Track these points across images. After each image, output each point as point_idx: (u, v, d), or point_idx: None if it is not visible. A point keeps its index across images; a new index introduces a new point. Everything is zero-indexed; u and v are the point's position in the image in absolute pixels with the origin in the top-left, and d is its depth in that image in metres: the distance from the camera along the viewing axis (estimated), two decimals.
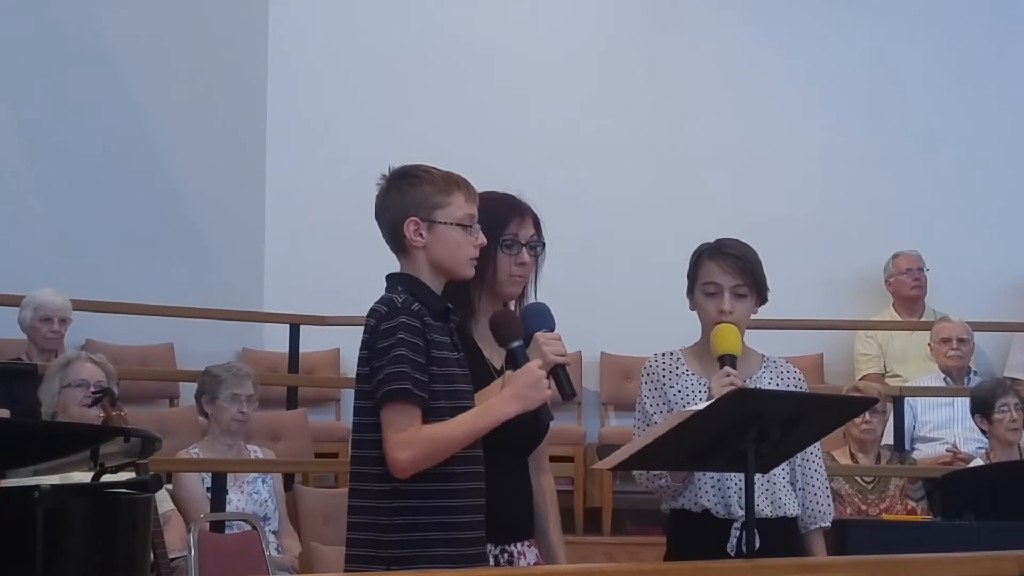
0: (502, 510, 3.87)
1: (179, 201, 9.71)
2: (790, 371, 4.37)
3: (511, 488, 3.98)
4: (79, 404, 5.99)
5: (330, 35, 10.17)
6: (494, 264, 3.98)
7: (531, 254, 4.04)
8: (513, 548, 3.97)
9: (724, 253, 4.25)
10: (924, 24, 10.28)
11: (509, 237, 4.01)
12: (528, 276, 4.06)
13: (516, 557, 3.97)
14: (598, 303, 9.22)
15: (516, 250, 4.01)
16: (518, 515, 4.02)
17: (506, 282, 4.02)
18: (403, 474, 3.55)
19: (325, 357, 9.79)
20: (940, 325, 8.86)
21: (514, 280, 4.02)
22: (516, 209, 4.05)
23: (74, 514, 3.25)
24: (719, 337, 4.15)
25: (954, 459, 7.95)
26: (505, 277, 4.01)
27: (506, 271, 4.00)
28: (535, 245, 4.05)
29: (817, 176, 10.09)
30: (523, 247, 4.02)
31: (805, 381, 4.42)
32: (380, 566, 3.55)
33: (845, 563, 4.03)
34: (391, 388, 3.53)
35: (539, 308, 3.98)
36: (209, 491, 6.65)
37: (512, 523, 3.98)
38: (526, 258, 4.02)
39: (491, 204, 3.97)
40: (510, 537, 3.97)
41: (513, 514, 3.98)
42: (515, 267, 4.01)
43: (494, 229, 3.93)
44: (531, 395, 3.64)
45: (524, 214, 4.05)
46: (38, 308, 8.09)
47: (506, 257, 4.00)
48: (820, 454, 4.36)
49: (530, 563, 3.99)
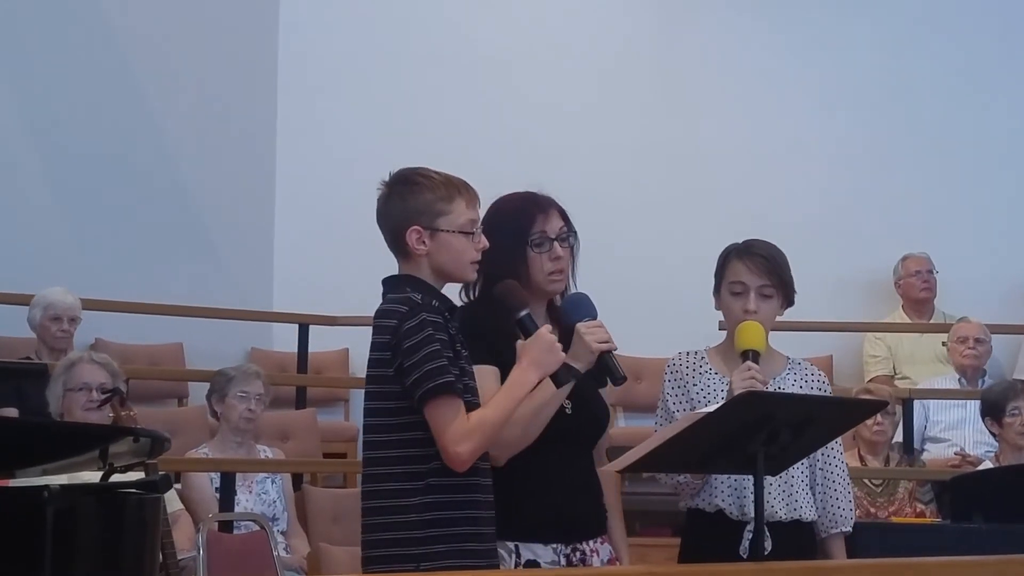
0: (570, 507, 3.87)
1: (189, 200, 9.72)
2: (815, 374, 4.35)
3: (577, 483, 3.94)
4: (82, 408, 5.94)
5: (340, 35, 10.17)
6: (527, 266, 3.92)
7: (564, 246, 3.97)
8: (585, 546, 3.93)
9: (752, 253, 4.24)
10: (932, 27, 10.26)
11: (537, 236, 3.94)
12: (567, 269, 3.99)
13: (588, 555, 3.92)
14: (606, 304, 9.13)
15: (547, 247, 3.94)
16: (588, 511, 3.97)
17: (545, 281, 3.95)
18: (464, 467, 3.58)
19: (334, 357, 9.78)
20: (959, 325, 8.87)
21: (553, 278, 3.95)
22: (538, 206, 3.99)
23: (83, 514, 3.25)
24: (742, 333, 4.12)
25: (962, 462, 7.94)
26: (543, 277, 3.94)
27: (543, 270, 3.94)
28: (566, 236, 3.99)
29: (826, 177, 10.08)
30: (553, 242, 3.95)
31: (829, 384, 4.40)
32: (410, 564, 3.55)
33: (854, 566, 4.02)
34: (435, 384, 3.54)
35: (578, 298, 3.94)
36: (218, 491, 6.65)
37: (583, 520, 3.94)
38: (559, 252, 3.95)
39: (513, 206, 3.95)
40: (581, 535, 3.93)
41: (582, 510, 3.94)
42: (549, 263, 3.94)
43: (520, 231, 3.89)
44: (547, 360, 3.65)
45: (547, 209, 3.99)
46: (48, 307, 8.10)
47: (538, 257, 3.94)
48: (842, 458, 4.34)
49: (603, 560, 3.95)
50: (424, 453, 3.59)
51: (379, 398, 3.64)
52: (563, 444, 3.84)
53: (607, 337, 3.82)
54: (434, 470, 3.58)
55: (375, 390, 3.65)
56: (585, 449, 4.02)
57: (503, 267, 3.85)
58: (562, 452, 3.85)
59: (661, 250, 9.72)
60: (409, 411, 3.58)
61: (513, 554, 3.83)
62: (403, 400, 3.59)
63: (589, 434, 4.03)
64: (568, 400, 3.83)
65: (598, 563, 3.91)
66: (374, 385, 3.65)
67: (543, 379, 3.67)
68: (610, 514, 4.07)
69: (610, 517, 4.06)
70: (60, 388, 6.07)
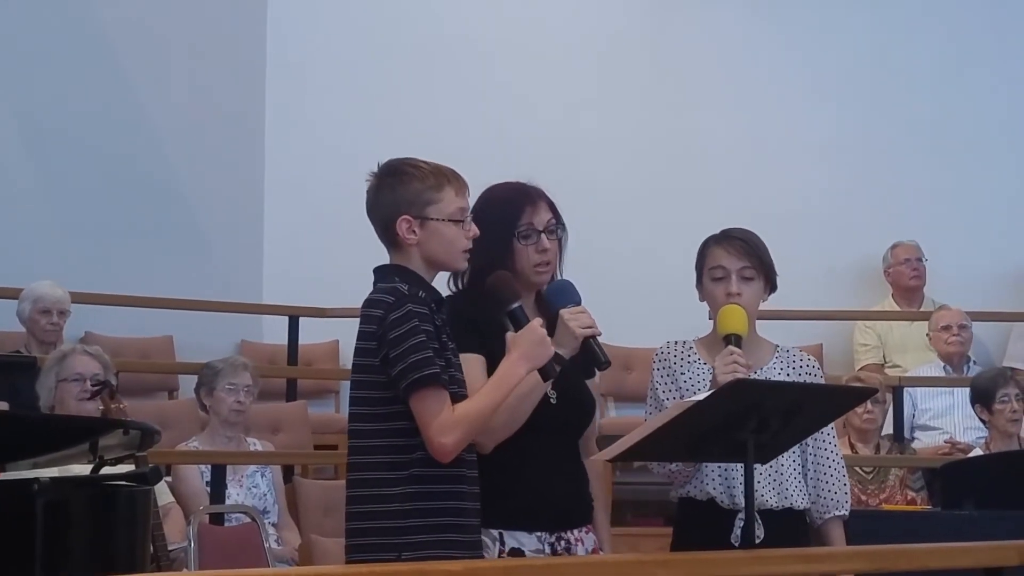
0: (555, 496, 3.87)
1: (179, 193, 9.70)
2: (804, 359, 4.34)
3: (563, 472, 3.94)
4: (76, 398, 5.97)
5: (329, 27, 10.16)
6: (513, 257, 3.92)
7: (551, 239, 3.97)
8: (570, 535, 3.93)
9: (729, 237, 4.25)
10: (924, 15, 10.27)
11: (525, 227, 3.94)
12: (553, 262, 3.98)
13: (573, 544, 3.93)
14: (597, 294, 9.12)
15: (535, 239, 3.94)
16: (573, 500, 3.97)
17: (531, 273, 3.95)
18: (448, 458, 3.58)
19: (324, 349, 9.78)
20: (939, 313, 8.88)
21: (539, 270, 3.95)
22: (528, 197, 3.99)
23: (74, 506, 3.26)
24: (724, 317, 4.12)
25: (952, 450, 7.95)
26: (530, 268, 3.94)
27: (529, 262, 3.94)
28: (554, 229, 3.99)
29: (816, 167, 10.08)
30: (541, 234, 3.95)
31: (820, 369, 4.40)
32: (391, 553, 3.55)
33: (845, 553, 4.02)
34: (422, 375, 3.54)
35: (561, 285, 3.94)
36: (208, 485, 6.65)
37: (567, 508, 3.94)
38: (546, 244, 3.95)
39: (501, 196, 3.94)
40: (565, 524, 3.93)
41: (568, 499, 3.94)
42: (536, 255, 3.94)
43: (508, 222, 3.89)
44: (538, 353, 3.65)
45: (536, 200, 3.99)
46: (37, 300, 8.08)
47: (525, 248, 3.94)
48: (835, 444, 4.32)
49: (587, 550, 3.95)
50: (408, 443, 3.59)
51: (364, 388, 3.65)
52: (548, 433, 3.85)
53: (591, 322, 3.82)
54: (418, 460, 3.59)
55: (361, 380, 3.66)
56: (571, 439, 4.02)
57: (490, 257, 3.86)
58: (548, 441, 3.85)
59: (652, 241, 9.72)
60: (394, 401, 3.59)
61: (497, 542, 3.83)
62: (388, 390, 3.59)
63: (575, 424, 4.03)
64: (553, 390, 3.83)
65: (583, 552, 3.91)
66: (360, 375, 3.66)
67: (532, 372, 3.67)
68: (596, 504, 4.07)
69: (596, 508, 4.07)
70: (53, 379, 6.07)
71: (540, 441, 3.81)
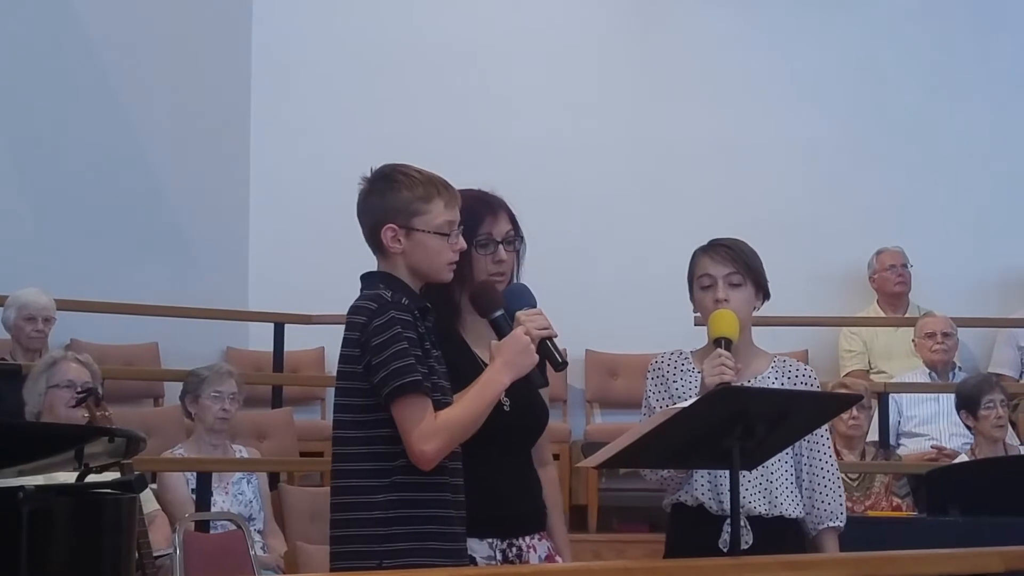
0: (507, 503, 3.87)
1: (163, 200, 9.69)
2: (800, 370, 4.35)
3: (515, 480, 3.95)
4: (66, 404, 5.96)
5: (313, 35, 10.15)
6: (471, 265, 3.92)
7: (508, 250, 3.98)
8: (521, 542, 3.93)
9: (715, 245, 4.28)
10: (907, 22, 10.29)
11: (483, 236, 3.95)
12: (508, 273, 3.99)
13: (525, 551, 3.93)
14: (583, 300, 9.20)
15: (491, 249, 3.96)
16: (524, 508, 3.97)
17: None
18: (429, 465, 3.57)
19: (310, 356, 9.77)
20: (924, 320, 8.88)
21: (494, 279, 3.95)
22: (488, 207, 3.99)
23: (59, 515, 3.25)
24: (714, 322, 4.13)
25: (939, 455, 7.96)
26: (485, 277, 3.94)
27: (484, 271, 3.95)
28: (512, 240, 4.00)
29: (801, 173, 10.10)
30: (499, 244, 3.97)
31: (816, 379, 4.40)
32: (372, 561, 3.55)
33: (831, 560, 4.03)
34: (403, 382, 3.53)
35: (518, 288, 3.92)
36: (194, 492, 6.64)
37: (518, 516, 3.94)
38: (503, 255, 3.96)
39: (462, 203, 3.94)
40: (517, 531, 3.93)
41: (519, 507, 3.94)
42: (492, 265, 3.95)
43: (467, 230, 3.86)
44: (521, 361, 3.65)
45: (496, 211, 4.00)
46: (22, 307, 8.06)
47: (482, 257, 3.95)
48: (831, 453, 4.33)
49: (541, 557, 3.95)
50: (390, 451, 3.58)
51: (348, 395, 3.64)
52: (500, 441, 3.84)
53: (547, 324, 3.78)
54: (400, 468, 3.58)
55: (345, 387, 3.65)
56: (523, 447, 4.03)
57: None
58: (499, 448, 3.84)
59: (637, 248, 9.73)
60: (376, 408, 3.58)
61: None
62: (371, 397, 3.58)
63: (527, 431, 4.04)
64: (506, 397, 3.81)
65: (535, 559, 3.91)
66: (343, 381, 3.65)
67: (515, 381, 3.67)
68: (551, 512, 4.07)
69: (551, 515, 4.07)
70: (43, 385, 6.06)
71: (492, 448, 3.80)
